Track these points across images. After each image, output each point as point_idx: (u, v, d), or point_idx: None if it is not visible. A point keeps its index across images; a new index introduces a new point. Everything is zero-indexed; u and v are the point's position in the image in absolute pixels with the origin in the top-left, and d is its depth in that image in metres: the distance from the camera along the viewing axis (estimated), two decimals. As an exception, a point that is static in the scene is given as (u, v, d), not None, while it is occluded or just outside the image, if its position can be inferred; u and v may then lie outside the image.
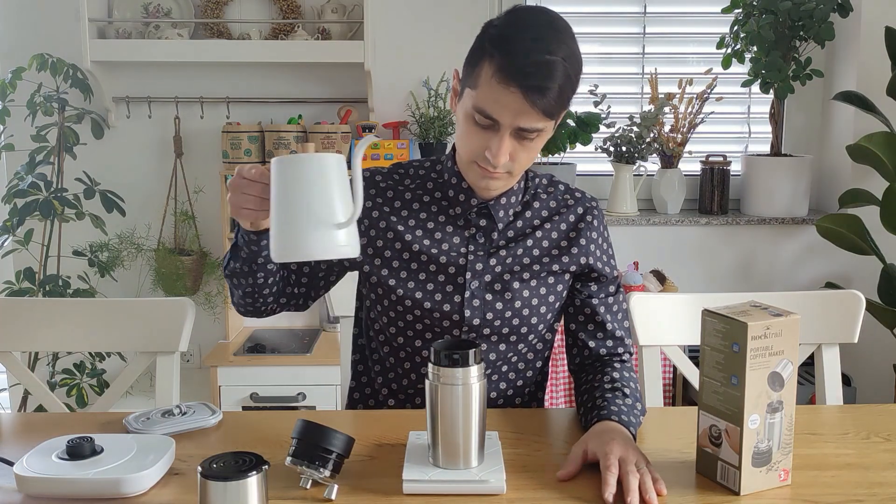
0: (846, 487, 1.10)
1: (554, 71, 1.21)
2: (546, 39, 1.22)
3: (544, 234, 1.41)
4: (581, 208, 1.44)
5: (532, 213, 1.42)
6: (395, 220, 1.40)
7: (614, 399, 1.28)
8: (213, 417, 1.33)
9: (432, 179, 1.43)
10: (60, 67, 2.80)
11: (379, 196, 1.42)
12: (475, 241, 1.39)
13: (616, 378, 1.35)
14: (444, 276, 1.38)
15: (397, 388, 1.46)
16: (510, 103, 1.22)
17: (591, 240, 1.43)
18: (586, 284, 1.44)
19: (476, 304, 1.38)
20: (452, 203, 1.40)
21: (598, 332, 1.43)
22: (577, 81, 1.27)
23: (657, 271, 2.94)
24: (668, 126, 3.08)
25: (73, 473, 1.08)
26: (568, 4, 3.15)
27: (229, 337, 2.97)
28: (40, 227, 2.84)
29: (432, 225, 1.40)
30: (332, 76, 3.06)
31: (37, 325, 1.54)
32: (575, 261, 1.41)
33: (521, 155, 1.29)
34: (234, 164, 2.89)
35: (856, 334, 1.59)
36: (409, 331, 1.40)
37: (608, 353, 1.43)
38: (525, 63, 1.20)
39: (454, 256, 1.38)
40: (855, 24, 2.96)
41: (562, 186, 1.47)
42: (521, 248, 1.40)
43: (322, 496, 1.06)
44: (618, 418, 1.23)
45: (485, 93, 1.23)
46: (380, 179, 1.44)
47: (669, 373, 2.72)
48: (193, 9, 3.01)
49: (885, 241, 2.78)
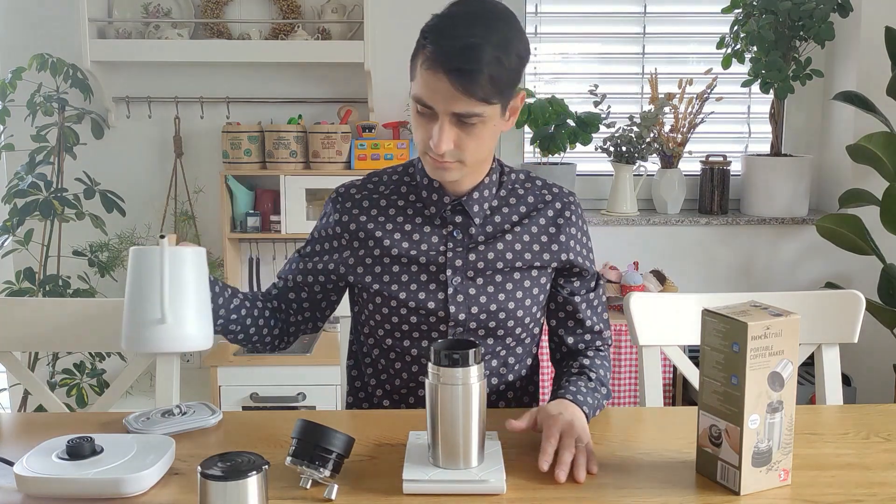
0: (846, 487, 1.10)
1: (479, 54, 1.21)
2: (475, 25, 1.23)
3: (523, 230, 1.42)
4: (559, 203, 1.45)
5: (510, 209, 1.43)
6: (372, 228, 1.42)
7: (577, 381, 1.35)
8: (213, 417, 1.33)
9: (406, 183, 1.45)
10: (60, 67, 2.80)
11: (356, 208, 1.44)
12: (453, 237, 1.41)
13: (585, 364, 1.42)
14: (426, 275, 1.39)
15: (391, 389, 1.48)
16: (440, 89, 1.23)
17: (570, 236, 1.44)
18: (569, 280, 1.46)
19: (460, 300, 1.38)
20: (426, 203, 1.42)
21: (578, 328, 1.47)
22: (512, 66, 1.26)
23: (657, 271, 2.94)
24: (668, 126, 3.08)
25: (74, 473, 1.08)
26: (568, 4, 3.15)
27: (229, 337, 2.97)
28: (40, 227, 2.84)
29: (409, 227, 1.41)
30: (332, 76, 3.06)
31: (37, 325, 1.54)
32: (556, 257, 1.43)
33: (467, 142, 1.28)
34: (235, 164, 2.89)
35: (856, 334, 1.59)
36: (396, 331, 1.42)
37: (585, 346, 1.48)
38: (450, 48, 1.22)
39: (433, 255, 1.39)
40: (855, 24, 2.96)
41: (539, 182, 1.48)
42: (501, 243, 1.41)
43: (322, 496, 1.06)
44: (573, 397, 1.28)
45: (419, 82, 1.26)
46: (355, 192, 1.46)
47: (669, 373, 2.72)
48: (193, 9, 3.01)
49: (885, 241, 2.78)
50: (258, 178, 3.02)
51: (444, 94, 1.24)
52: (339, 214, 1.45)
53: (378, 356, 1.47)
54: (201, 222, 3.11)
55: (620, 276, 2.88)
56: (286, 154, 2.90)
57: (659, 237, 3.10)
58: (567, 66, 3.25)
